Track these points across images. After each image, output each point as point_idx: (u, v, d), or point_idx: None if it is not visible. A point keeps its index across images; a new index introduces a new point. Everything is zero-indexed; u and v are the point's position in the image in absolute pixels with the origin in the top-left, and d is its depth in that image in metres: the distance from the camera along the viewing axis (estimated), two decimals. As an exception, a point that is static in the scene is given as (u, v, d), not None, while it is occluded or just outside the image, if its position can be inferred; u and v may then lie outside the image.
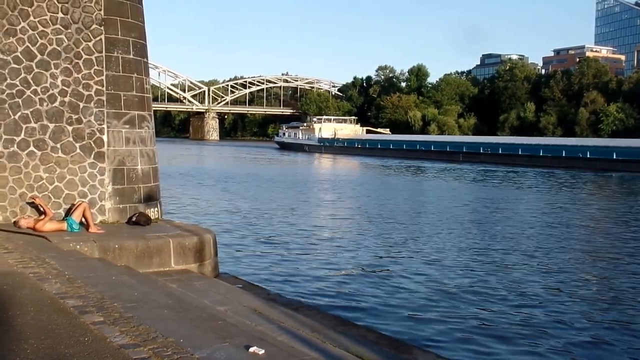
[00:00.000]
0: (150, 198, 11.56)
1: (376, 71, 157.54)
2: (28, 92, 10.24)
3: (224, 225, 18.27)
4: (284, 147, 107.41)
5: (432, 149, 76.09)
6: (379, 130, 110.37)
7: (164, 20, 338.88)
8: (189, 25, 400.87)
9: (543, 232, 18.45)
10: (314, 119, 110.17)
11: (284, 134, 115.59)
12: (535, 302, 10.46)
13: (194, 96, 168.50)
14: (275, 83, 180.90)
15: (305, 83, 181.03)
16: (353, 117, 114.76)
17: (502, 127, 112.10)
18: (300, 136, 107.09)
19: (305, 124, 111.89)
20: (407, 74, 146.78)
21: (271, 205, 24.11)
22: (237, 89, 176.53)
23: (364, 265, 13.10)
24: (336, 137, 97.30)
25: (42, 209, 10.00)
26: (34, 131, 10.29)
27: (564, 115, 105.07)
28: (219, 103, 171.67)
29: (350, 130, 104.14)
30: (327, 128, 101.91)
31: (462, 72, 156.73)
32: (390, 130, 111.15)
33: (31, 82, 10.27)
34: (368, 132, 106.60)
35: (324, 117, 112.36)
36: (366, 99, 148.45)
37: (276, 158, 75.06)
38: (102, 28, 10.90)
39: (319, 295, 10.52)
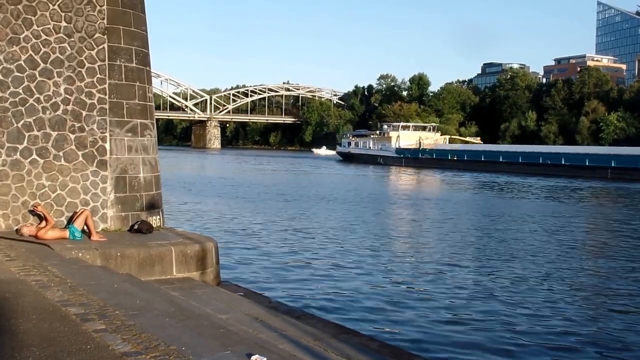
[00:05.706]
0: (152, 206, 11.57)
1: (378, 80, 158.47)
2: (31, 101, 10.27)
3: (228, 233, 18.25)
4: (350, 158, 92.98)
5: (563, 162, 61.77)
6: (467, 139, 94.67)
7: (167, 29, 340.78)
8: (191, 34, 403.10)
9: None
10: (386, 126, 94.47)
11: (349, 143, 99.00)
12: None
13: (196, 104, 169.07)
14: (277, 91, 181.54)
15: (307, 91, 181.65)
16: (433, 124, 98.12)
17: (504, 135, 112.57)
18: (372, 146, 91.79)
19: (377, 132, 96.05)
20: (408, 82, 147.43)
21: (289, 218, 24.06)
22: (238, 97, 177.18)
23: (368, 276, 13.03)
24: (421, 147, 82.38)
25: (44, 216, 10.01)
26: (36, 139, 10.32)
27: (565, 124, 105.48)
28: (220, 111, 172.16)
29: (432, 139, 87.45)
30: (408, 136, 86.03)
31: (464, 81, 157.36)
32: (481, 139, 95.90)
33: (34, 90, 10.30)
34: (451, 141, 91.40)
35: (402, 123, 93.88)
36: (368, 108, 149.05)
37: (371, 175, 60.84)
38: (105, 37, 10.95)
39: (321, 304, 10.48)
